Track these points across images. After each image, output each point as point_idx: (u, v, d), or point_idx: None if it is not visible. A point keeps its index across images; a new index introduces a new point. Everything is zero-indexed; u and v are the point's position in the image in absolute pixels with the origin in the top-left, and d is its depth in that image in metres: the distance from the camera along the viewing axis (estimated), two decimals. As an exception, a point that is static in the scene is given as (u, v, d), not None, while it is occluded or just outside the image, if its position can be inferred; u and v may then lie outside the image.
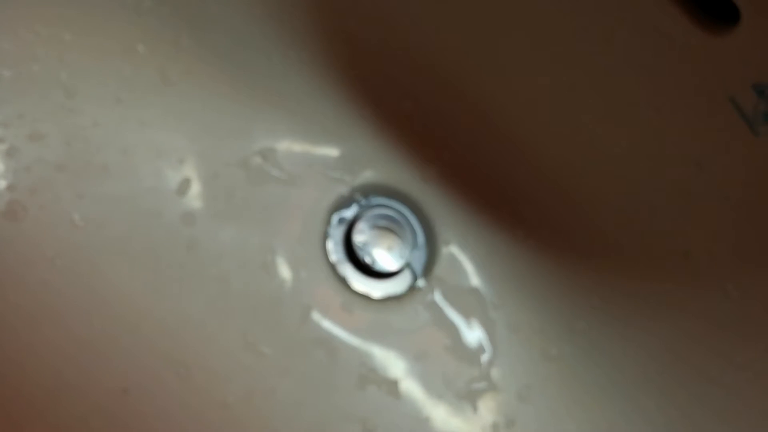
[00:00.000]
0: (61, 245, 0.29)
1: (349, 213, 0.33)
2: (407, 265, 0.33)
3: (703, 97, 0.27)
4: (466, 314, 0.33)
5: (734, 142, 0.27)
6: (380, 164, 0.34)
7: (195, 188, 0.32)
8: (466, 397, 0.32)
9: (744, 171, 0.27)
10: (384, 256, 0.33)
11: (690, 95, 0.27)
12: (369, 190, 0.34)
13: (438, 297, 0.33)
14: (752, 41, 0.25)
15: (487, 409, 0.32)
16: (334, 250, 0.33)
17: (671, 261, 0.31)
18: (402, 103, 0.34)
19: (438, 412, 0.31)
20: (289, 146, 0.33)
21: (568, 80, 0.30)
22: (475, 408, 0.32)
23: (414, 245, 0.34)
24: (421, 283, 0.33)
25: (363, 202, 0.34)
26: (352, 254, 0.33)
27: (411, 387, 0.31)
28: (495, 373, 0.32)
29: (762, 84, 0.25)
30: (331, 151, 0.34)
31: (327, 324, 0.32)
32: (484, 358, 0.33)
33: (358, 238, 0.33)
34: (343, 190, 0.34)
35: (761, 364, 0.29)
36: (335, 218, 0.33)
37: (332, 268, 0.33)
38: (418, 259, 0.34)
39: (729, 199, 0.28)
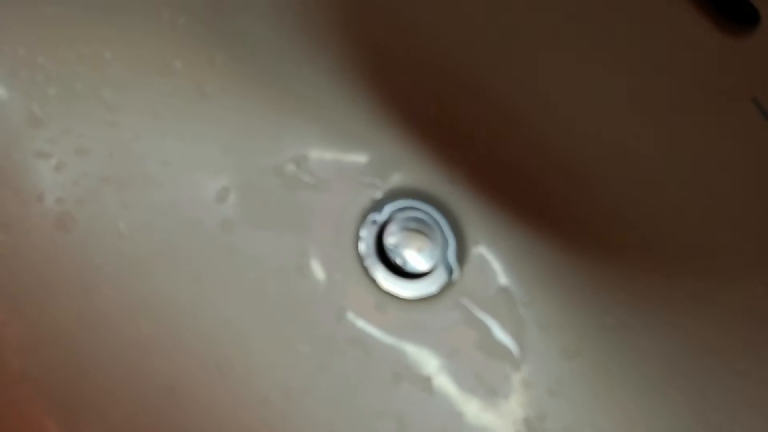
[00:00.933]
0: (108, 253, 0.30)
1: (380, 216, 0.35)
2: (437, 266, 0.34)
3: (725, 98, 0.27)
4: (496, 312, 0.34)
5: (756, 141, 0.27)
6: (409, 168, 0.35)
7: (232, 196, 0.33)
8: (497, 393, 0.33)
9: (766, 168, 0.27)
10: (415, 257, 0.34)
11: (713, 96, 0.28)
12: (399, 194, 0.35)
13: (468, 296, 0.34)
14: (772, 42, 0.25)
15: (519, 404, 0.33)
16: (366, 252, 0.34)
17: (697, 257, 0.31)
18: (428, 106, 0.34)
19: (470, 407, 0.32)
20: (321, 153, 0.34)
21: (593, 82, 0.31)
22: (506, 403, 0.33)
23: (444, 246, 0.34)
24: (451, 282, 0.34)
25: (393, 205, 0.35)
26: (383, 256, 0.34)
27: (444, 383, 0.32)
28: (526, 368, 0.33)
29: (783, 83, 0.25)
30: (361, 156, 0.35)
31: (361, 323, 0.33)
32: (515, 354, 0.33)
33: (389, 240, 0.34)
34: (373, 193, 0.35)
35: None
36: (367, 221, 0.34)
37: (365, 269, 0.34)
38: (448, 260, 0.35)
39: (752, 196, 0.28)
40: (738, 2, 0.25)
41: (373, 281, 0.34)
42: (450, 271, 0.34)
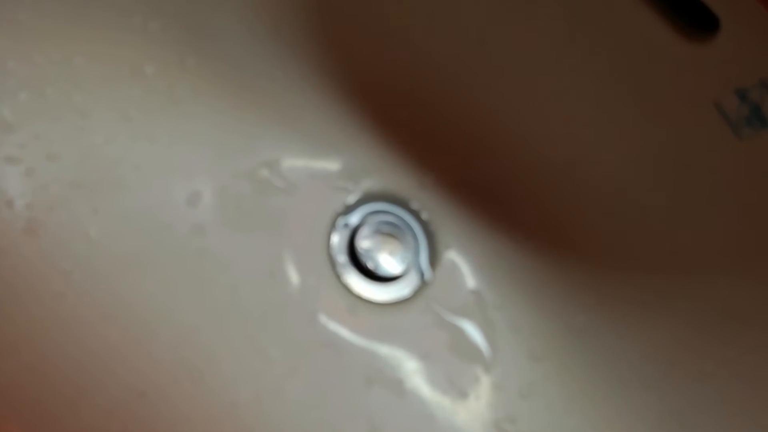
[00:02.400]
0: (78, 258, 0.30)
1: (352, 220, 0.34)
2: (409, 269, 0.34)
3: (689, 103, 0.27)
4: (468, 315, 0.34)
5: (719, 145, 0.27)
6: (381, 173, 0.35)
7: (204, 200, 0.33)
8: (469, 395, 0.33)
9: (729, 172, 0.28)
10: (387, 261, 0.34)
11: (677, 101, 0.28)
12: (371, 198, 0.35)
13: (440, 299, 0.34)
14: (732, 48, 0.25)
15: (490, 406, 0.33)
16: (339, 256, 0.34)
17: (663, 259, 0.31)
18: (400, 112, 0.34)
19: (442, 410, 0.32)
20: (293, 157, 0.34)
21: (561, 88, 0.31)
22: (478, 405, 0.32)
23: (416, 250, 0.34)
24: (423, 286, 0.34)
25: (365, 209, 0.35)
26: (356, 260, 0.34)
27: (416, 386, 0.32)
28: (497, 371, 0.33)
29: (743, 89, 0.26)
30: (334, 161, 0.35)
31: (333, 327, 0.33)
32: (486, 357, 0.33)
33: (362, 244, 0.34)
34: (345, 198, 0.35)
35: (753, 357, 0.29)
36: (339, 225, 0.34)
37: (337, 273, 0.34)
38: (420, 263, 0.34)
39: (716, 199, 0.29)
40: (698, 9, 0.25)
41: (346, 285, 0.34)
42: (422, 275, 0.34)
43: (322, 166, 0.35)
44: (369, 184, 0.35)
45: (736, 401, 0.30)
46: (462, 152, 0.35)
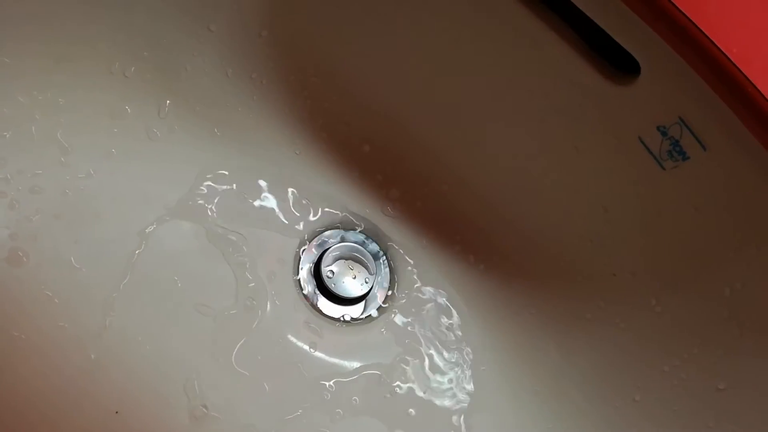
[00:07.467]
0: (59, 285, 0.30)
1: (317, 247, 0.35)
2: (372, 291, 0.35)
3: (616, 138, 0.29)
4: (426, 333, 0.35)
5: (645, 176, 0.28)
6: (345, 201, 0.36)
7: (179, 231, 0.33)
8: (429, 407, 0.33)
9: (655, 200, 0.29)
10: (350, 284, 0.35)
11: (606, 136, 0.29)
12: (335, 226, 0.36)
13: (400, 318, 0.35)
14: (652, 89, 0.26)
15: (449, 415, 0.33)
16: (305, 280, 0.34)
17: (601, 280, 0.32)
18: (362, 147, 0.35)
19: (405, 423, 0.33)
20: (262, 189, 0.35)
21: (503, 127, 0.32)
22: (439, 416, 0.33)
23: (377, 273, 0.35)
24: (384, 306, 0.35)
25: (330, 236, 0.35)
26: (321, 283, 0.34)
27: (379, 401, 0.33)
28: (455, 383, 0.34)
29: (664, 125, 0.27)
30: (300, 192, 0.35)
31: (301, 347, 0.33)
32: (442, 370, 0.34)
33: (327, 268, 0.35)
34: (312, 226, 0.35)
35: (683, 372, 0.30)
36: (305, 252, 0.35)
37: (304, 297, 0.34)
38: (382, 285, 0.35)
39: (644, 225, 0.30)
40: (620, 55, 0.27)
41: (313, 307, 0.34)
42: (384, 296, 0.35)
43: (289, 196, 0.35)
44: (334, 212, 0.36)
45: (671, 412, 0.30)
46: (419, 182, 0.35)
